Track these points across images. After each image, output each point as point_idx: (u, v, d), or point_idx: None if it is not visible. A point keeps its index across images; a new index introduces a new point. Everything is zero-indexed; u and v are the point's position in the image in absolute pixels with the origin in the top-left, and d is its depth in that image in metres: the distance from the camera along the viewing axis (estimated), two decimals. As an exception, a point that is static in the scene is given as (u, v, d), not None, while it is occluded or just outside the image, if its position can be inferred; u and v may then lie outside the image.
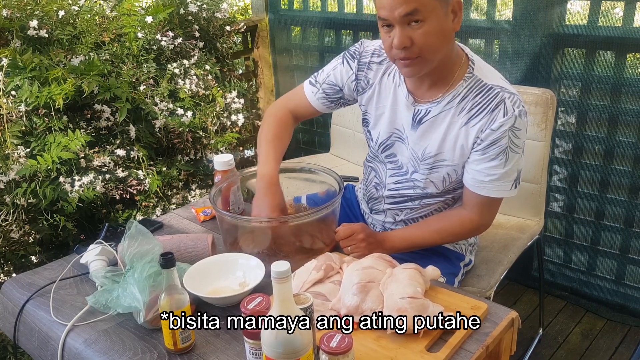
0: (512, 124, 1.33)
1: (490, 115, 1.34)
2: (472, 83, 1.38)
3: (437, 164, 1.46)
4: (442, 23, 1.28)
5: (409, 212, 1.58)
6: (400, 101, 1.47)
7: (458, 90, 1.38)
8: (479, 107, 1.36)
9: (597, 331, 2.31)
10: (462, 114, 1.39)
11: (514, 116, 1.33)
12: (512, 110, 1.33)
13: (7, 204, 1.94)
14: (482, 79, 1.38)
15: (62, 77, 1.97)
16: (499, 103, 1.34)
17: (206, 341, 1.20)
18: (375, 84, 1.51)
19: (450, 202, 1.55)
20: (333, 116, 2.61)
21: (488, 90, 1.36)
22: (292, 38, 3.16)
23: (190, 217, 1.74)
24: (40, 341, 1.32)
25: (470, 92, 1.38)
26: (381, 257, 1.31)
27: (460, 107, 1.39)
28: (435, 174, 1.47)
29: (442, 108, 1.40)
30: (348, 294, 1.20)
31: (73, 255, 1.52)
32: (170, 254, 1.11)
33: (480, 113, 1.36)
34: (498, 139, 1.35)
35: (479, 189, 1.42)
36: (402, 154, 1.52)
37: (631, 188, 2.20)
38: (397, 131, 1.50)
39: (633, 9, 2.02)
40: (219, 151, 2.53)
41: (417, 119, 1.44)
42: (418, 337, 1.14)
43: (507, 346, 1.24)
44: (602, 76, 2.15)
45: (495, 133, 1.34)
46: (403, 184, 1.55)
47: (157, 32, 2.32)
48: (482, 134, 1.36)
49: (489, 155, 1.37)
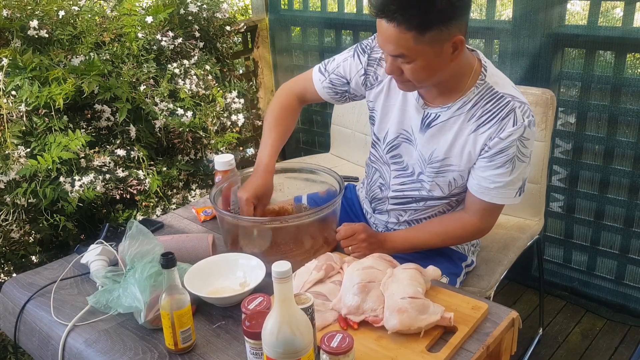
0: (521, 133, 1.33)
1: (499, 124, 1.34)
2: (483, 90, 1.37)
3: (443, 169, 1.46)
4: (431, 61, 1.27)
5: (413, 213, 1.58)
6: (410, 102, 1.46)
7: (469, 96, 1.38)
8: (489, 114, 1.36)
9: (597, 331, 2.31)
10: (471, 121, 1.38)
11: (524, 126, 1.33)
12: (521, 120, 1.33)
13: (7, 203, 1.94)
14: (494, 87, 1.37)
15: (62, 77, 1.97)
16: (509, 112, 1.33)
17: (207, 341, 1.20)
18: (385, 81, 1.50)
19: (454, 204, 1.55)
20: (333, 116, 2.61)
21: (499, 99, 1.36)
22: (292, 38, 3.16)
23: (191, 217, 1.74)
24: (40, 341, 1.32)
25: (481, 99, 1.37)
26: (382, 257, 1.31)
27: (470, 114, 1.38)
28: (442, 178, 1.47)
29: (452, 114, 1.40)
30: (349, 294, 1.20)
31: (73, 255, 1.52)
32: (171, 253, 1.11)
33: (489, 121, 1.36)
34: (506, 148, 1.34)
35: (483, 195, 1.42)
36: (409, 155, 1.52)
37: (631, 188, 2.20)
38: (405, 132, 1.50)
39: (633, 9, 2.02)
40: (219, 151, 2.53)
41: (426, 123, 1.44)
42: (418, 337, 1.14)
43: (508, 346, 1.24)
44: (601, 76, 2.15)
45: (503, 142, 1.34)
46: (409, 185, 1.55)
47: (157, 32, 2.32)
48: (491, 142, 1.35)
49: (495, 163, 1.37)
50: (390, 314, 1.14)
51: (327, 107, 3.06)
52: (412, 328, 1.13)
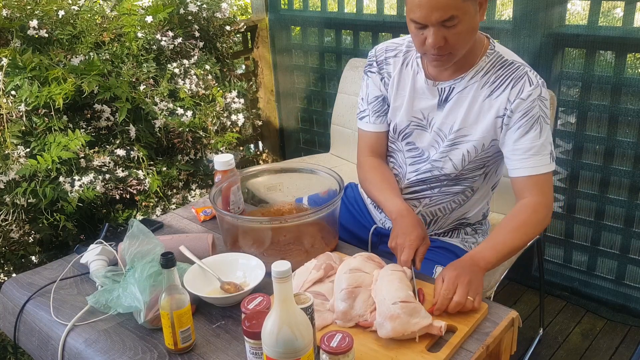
0: (539, 93, 1.38)
1: (515, 86, 1.39)
2: (494, 59, 1.43)
3: (458, 140, 1.48)
4: (473, 21, 1.32)
5: (428, 203, 1.58)
6: (419, 88, 1.51)
7: (481, 65, 1.43)
8: (501, 79, 1.41)
9: (597, 331, 2.31)
10: (485, 87, 1.43)
11: (539, 86, 1.39)
12: (536, 80, 1.39)
13: (7, 203, 1.94)
14: (504, 55, 1.44)
15: (62, 77, 1.96)
16: (522, 75, 1.39)
17: (206, 341, 1.20)
18: (395, 75, 1.55)
19: (469, 193, 1.56)
20: (333, 116, 2.60)
21: (510, 64, 1.42)
22: (292, 38, 3.16)
23: (191, 217, 1.74)
24: (40, 341, 1.32)
25: (493, 67, 1.43)
26: (370, 258, 1.31)
27: (483, 81, 1.43)
28: (456, 151, 1.49)
29: (466, 83, 1.44)
30: (337, 300, 1.20)
31: (73, 255, 1.52)
32: (170, 253, 1.11)
33: (502, 84, 1.41)
34: (530, 109, 1.38)
35: (524, 171, 1.41)
36: (422, 140, 1.55)
37: (631, 188, 2.20)
38: (416, 119, 1.53)
39: (633, 9, 2.02)
40: (219, 151, 2.53)
41: (443, 98, 1.47)
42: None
43: (508, 346, 1.24)
44: (602, 76, 2.14)
45: (525, 102, 1.38)
46: (422, 165, 1.56)
47: (157, 32, 2.32)
48: (512, 105, 1.39)
49: (524, 128, 1.39)
50: (383, 321, 1.13)
51: (327, 107, 3.06)
52: (405, 334, 1.11)
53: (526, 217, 1.40)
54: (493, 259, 1.33)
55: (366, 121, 1.63)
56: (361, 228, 1.76)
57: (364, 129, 1.64)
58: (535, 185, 1.42)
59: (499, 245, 1.37)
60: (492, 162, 1.53)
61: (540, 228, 1.46)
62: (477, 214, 1.63)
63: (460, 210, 1.60)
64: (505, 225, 1.41)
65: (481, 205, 1.62)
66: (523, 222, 1.39)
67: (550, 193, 1.44)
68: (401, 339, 1.13)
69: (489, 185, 1.60)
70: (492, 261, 1.33)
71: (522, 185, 1.43)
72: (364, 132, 1.65)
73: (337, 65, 2.97)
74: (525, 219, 1.40)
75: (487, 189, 1.61)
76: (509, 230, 1.39)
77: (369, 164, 1.62)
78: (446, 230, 1.65)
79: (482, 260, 1.32)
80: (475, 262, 1.31)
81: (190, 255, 1.39)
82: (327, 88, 3.07)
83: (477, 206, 1.61)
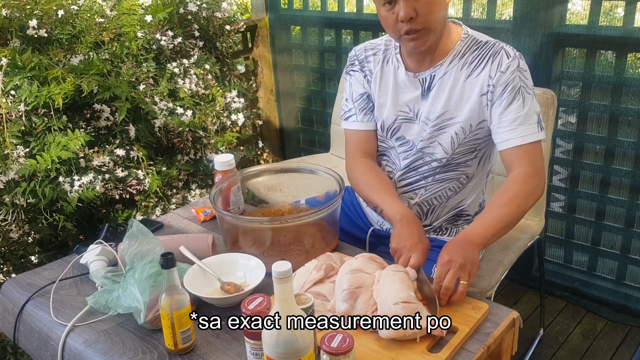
0: (517, 64, 1.42)
1: (494, 62, 1.43)
2: (469, 42, 1.48)
3: (444, 124, 1.49)
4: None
5: (423, 194, 1.59)
6: (401, 82, 1.53)
7: (457, 49, 1.47)
8: (479, 58, 1.45)
9: (597, 331, 2.31)
10: (464, 68, 1.46)
11: (517, 57, 1.43)
12: (513, 53, 1.43)
13: (6, 203, 1.93)
14: (477, 37, 1.49)
15: (61, 77, 1.96)
16: (498, 50, 1.44)
17: (207, 341, 1.20)
18: (376, 72, 1.58)
19: (464, 179, 1.57)
20: (333, 116, 2.60)
21: (485, 44, 1.47)
22: (292, 37, 3.16)
23: (190, 217, 1.74)
24: (40, 341, 1.31)
25: (469, 49, 1.47)
26: (372, 259, 1.30)
27: (462, 63, 1.47)
28: (444, 135, 1.50)
29: (446, 69, 1.47)
30: (338, 300, 1.20)
31: (73, 255, 1.51)
32: (170, 254, 1.11)
33: (481, 63, 1.45)
34: (510, 80, 1.41)
35: (512, 142, 1.42)
36: (410, 133, 1.56)
37: (632, 188, 2.20)
38: (402, 112, 1.55)
39: (634, 8, 2.02)
40: (219, 151, 2.53)
41: (425, 87, 1.50)
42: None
43: (508, 346, 1.23)
44: (602, 76, 2.14)
45: (505, 74, 1.41)
46: (414, 155, 1.56)
47: (156, 32, 2.31)
48: (493, 80, 1.42)
49: (507, 100, 1.42)
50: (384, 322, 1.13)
51: (327, 107, 3.06)
52: (406, 334, 1.11)
53: (517, 190, 1.41)
54: (488, 234, 1.35)
55: (353, 120, 1.63)
56: (358, 230, 1.76)
57: (351, 129, 1.64)
58: (524, 156, 1.42)
59: (491, 219, 1.39)
60: (484, 145, 1.54)
61: (533, 199, 1.45)
62: (473, 204, 1.63)
63: (457, 197, 1.60)
64: (497, 200, 1.42)
65: (477, 193, 1.62)
66: (514, 194, 1.40)
67: (540, 163, 1.45)
68: (402, 339, 1.12)
69: (484, 172, 1.61)
70: (486, 236, 1.35)
71: (511, 158, 1.44)
72: (352, 131, 1.64)
73: (337, 65, 2.97)
74: (515, 191, 1.41)
75: (482, 176, 1.61)
76: (500, 205, 1.40)
77: (363, 166, 1.61)
78: (444, 222, 1.64)
79: (477, 237, 1.34)
80: (470, 239, 1.33)
81: (190, 256, 1.39)
82: (327, 88, 3.07)
83: (473, 194, 1.62)
